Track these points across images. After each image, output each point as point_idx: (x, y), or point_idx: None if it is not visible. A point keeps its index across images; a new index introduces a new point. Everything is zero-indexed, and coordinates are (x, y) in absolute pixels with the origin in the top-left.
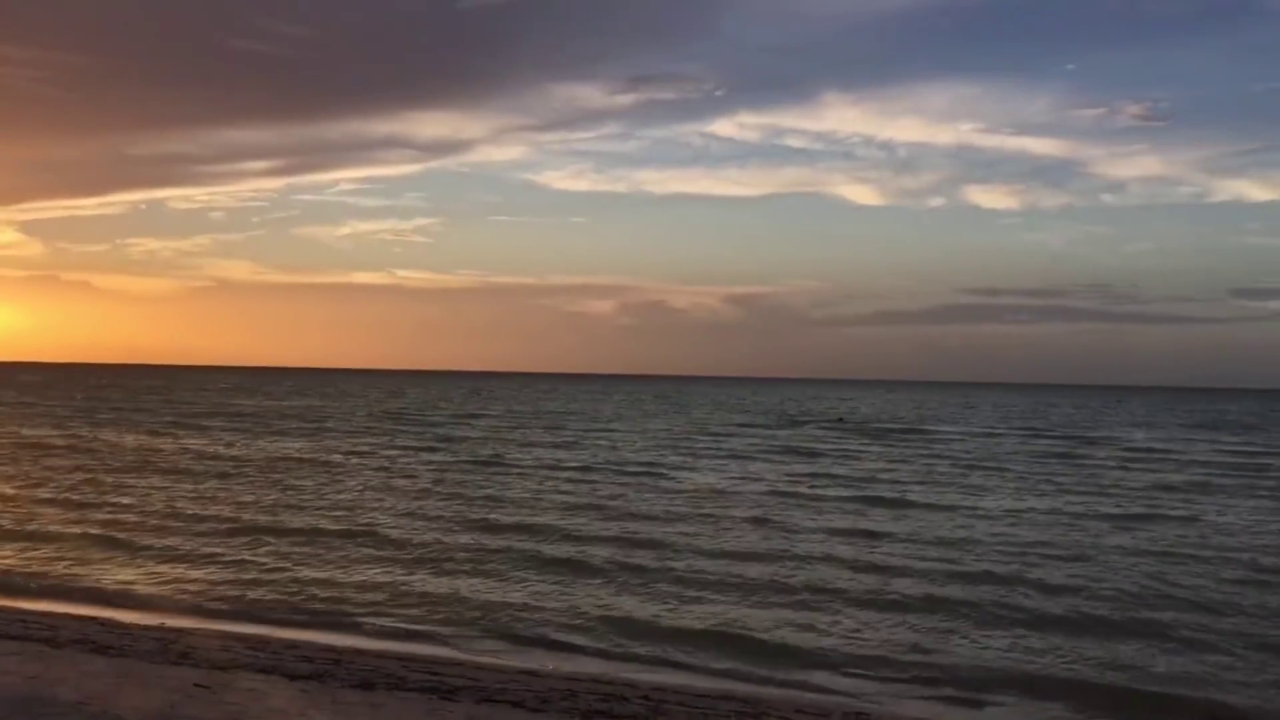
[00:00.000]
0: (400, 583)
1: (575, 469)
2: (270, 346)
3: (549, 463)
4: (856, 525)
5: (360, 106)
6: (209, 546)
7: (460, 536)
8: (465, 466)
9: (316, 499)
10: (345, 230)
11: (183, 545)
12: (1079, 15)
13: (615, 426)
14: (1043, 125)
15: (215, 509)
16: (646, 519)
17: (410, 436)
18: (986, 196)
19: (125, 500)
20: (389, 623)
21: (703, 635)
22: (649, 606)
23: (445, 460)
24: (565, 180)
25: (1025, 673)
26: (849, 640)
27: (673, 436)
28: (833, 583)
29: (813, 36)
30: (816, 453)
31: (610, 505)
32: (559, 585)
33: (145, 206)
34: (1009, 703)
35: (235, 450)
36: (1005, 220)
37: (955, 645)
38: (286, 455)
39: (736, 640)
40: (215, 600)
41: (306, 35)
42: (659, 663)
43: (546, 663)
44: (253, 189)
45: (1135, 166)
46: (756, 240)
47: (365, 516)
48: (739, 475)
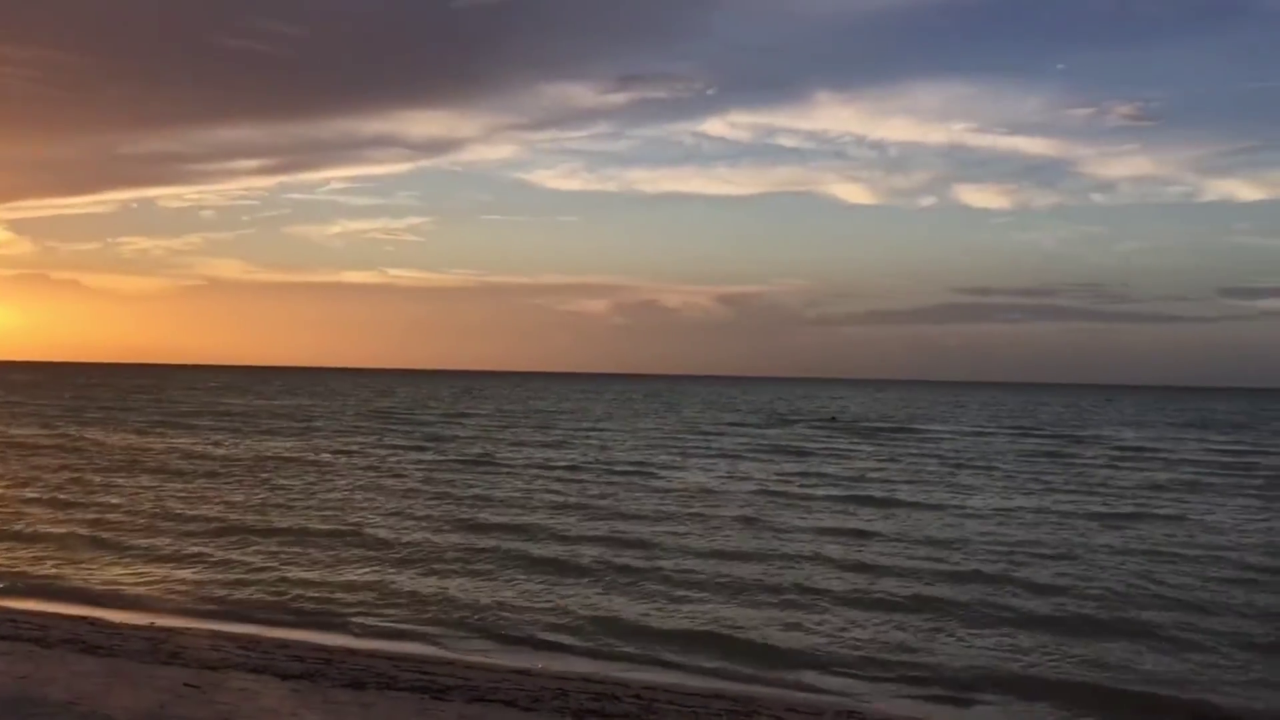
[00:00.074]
0: (390, 582)
1: (564, 468)
2: (261, 345)
3: (538, 462)
4: (846, 524)
5: (352, 105)
6: (197, 546)
7: (449, 536)
8: (454, 466)
9: (305, 499)
10: (336, 229)
11: (171, 545)
12: (1070, 15)
13: (605, 426)
14: (1034, 125)
15: (203, 509)
16: (636, 518)
17: (399, 436)
18: (978, 196)
19: (113, 500)
20: (380, 622)
21: (692, 635)
22: (638, 606)
23: (434, 459)
24: (557, 179)
25: (1013, 672)
26: (838, 640)
27: (663, 435)
28: (822, 582)
29: (804, 36)
30: (806, 452)
31: (599, 505)
32: (548, 585)
33: (136, 205)
34: (997, 702)
35: (224, 450)
36: (997, 220)
37: (944, 644)
38: (275, 454)
39: (726, 640)
40: (205, 600)
41: (298, 34)
42: (650, 662)
43: (537, 662)
44: (244, 188)
45: (1126, 166)
46: (748, 239)
47: (354, 516)
48: (729, 474)
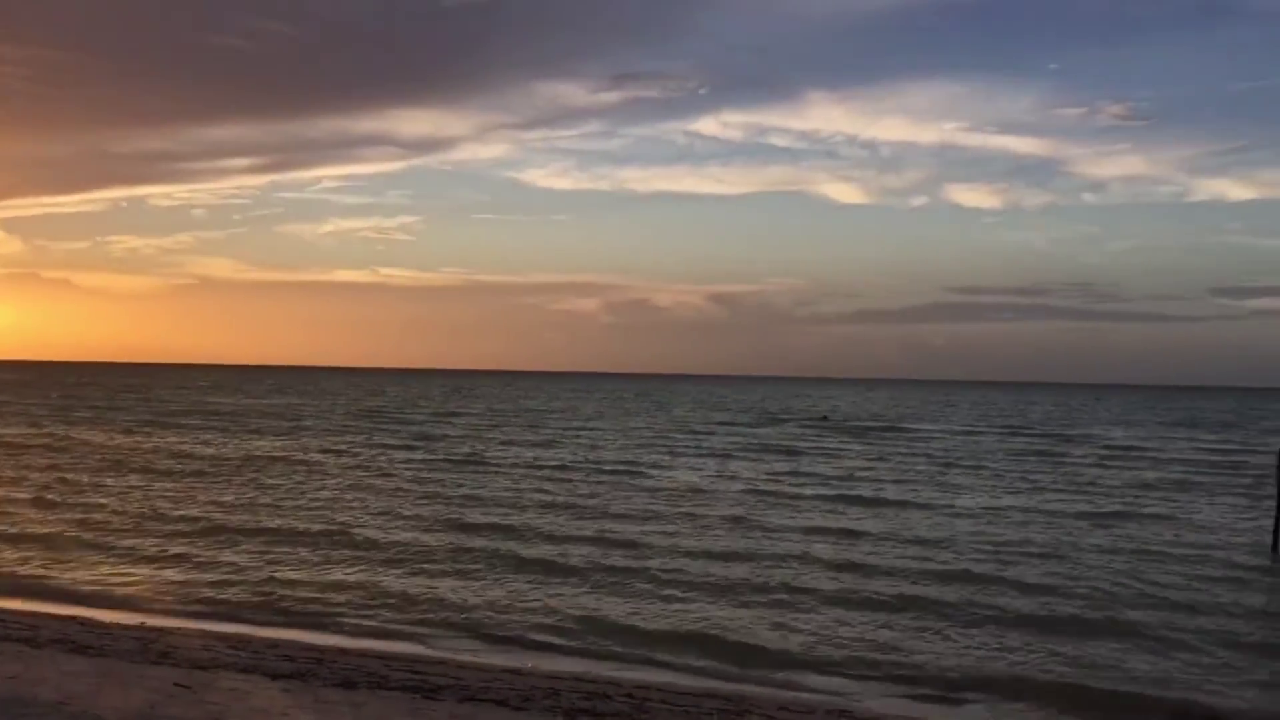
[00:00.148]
0: (379, 582)
1: (554, 467)
2: (253, 345)
3: (528, 461)
4: (835, 524)
5: (343, 104)
6: (185, 546)
7: (438, 536)
8: (443, 465)
9: (293, 498)
10: (328, 228)
11: (159, 545)
12: (1061, 15)
13: (596, 425)
14: (1025, 124)
15: (192, 508)
16: (625, 518)
17: (388, 435)
18: (969, 195)
19: (101, 500)
20: (370, 622)
21: (681, 634)
22: (628, 606)
23: (423, 459)
24: (549, 178)
25: (1002, 671)
26: (828, 639)
27: (653, 435)
28: (811, 581)
29: (796, 35)
30: (796, 451)
31: (589, 504)
32: (537, 585)
33: (126, 204)
34: (986, 701)
35: (212, 449)
36: (988, 219)
37: (933, 644)
38: (264, 454)
39: (715, 639)
40: (195, 599)
41: (289, 32)
42: (641, 661)
43: (527, 661)
44: (235, 186)
45: (1117, 166)
46: (740, 239)
47: (343, 515)
48: (719, 474)
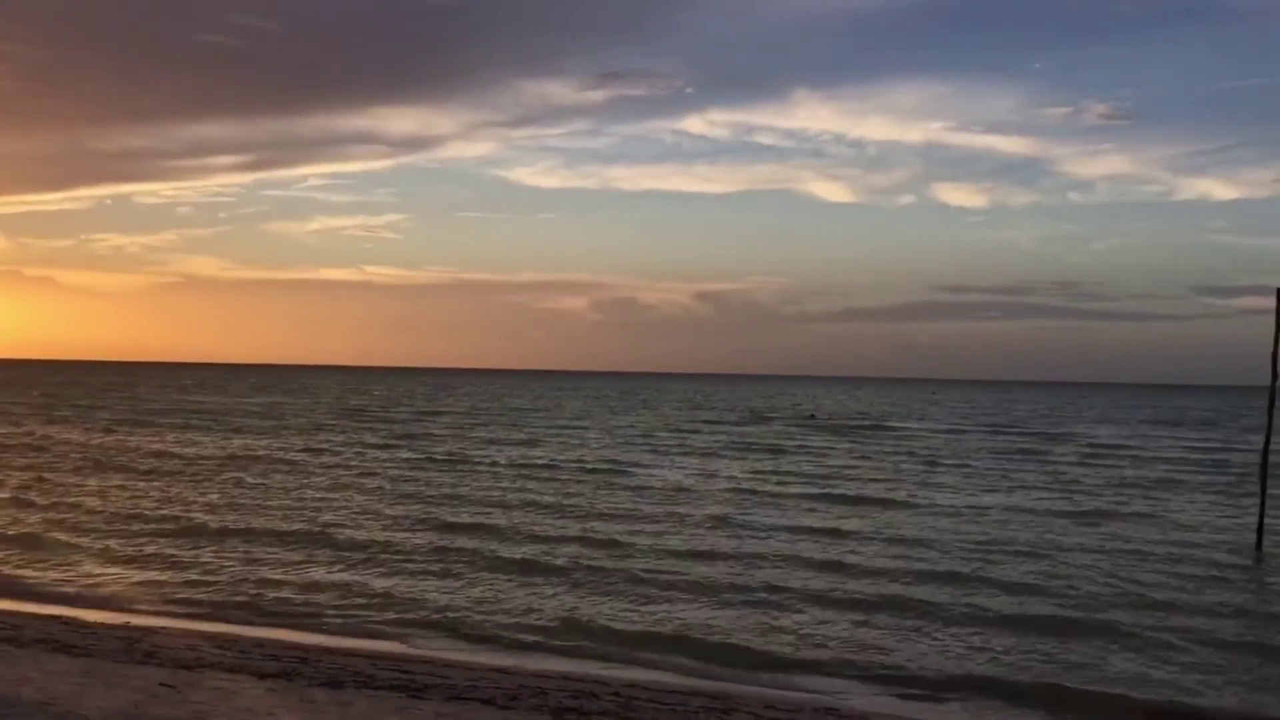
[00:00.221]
0: (363, 582)
1: (537, 467)
2: (238, 343)
3: (511, 460)
4: (820, 523)
5: (329, 101)
6: (168, 546)
7: (421, 535)
8: (425, 464)
9: (275, 497)
10: (314, 226)
11: (142, 544)
12: (1046, 14)
13: (580, 423)
14: (1011, 124)
15: (174, 508)
16: (609, 517)
17: (371, 434)
18: (955, 194)
19: (82, 499)
20: (356, 621)
21: (666, 634)
22: (611, 606)
23: (407, 458)
24: (536, 176)
25: (986, 671)
26: (812, 638)
27: (638, 433)
28: (795, 581)
29: (783, 34)
30: (781, 449)
31: (573, 503)
32: (521, 585)
33: (111, 201)
34: (970, 701)
35: (194, 448)
36: (973, 218)
37: (918, 643)
38: (246, 453)
39: (700, 639)
40: (180, 599)
41: (275, 29)
42: (626, 660)
43: (513, 661)
44: (220, 184)
45: (1102, 165)
46: (726, 237)
47: (326, 515)
48: (703, 472)
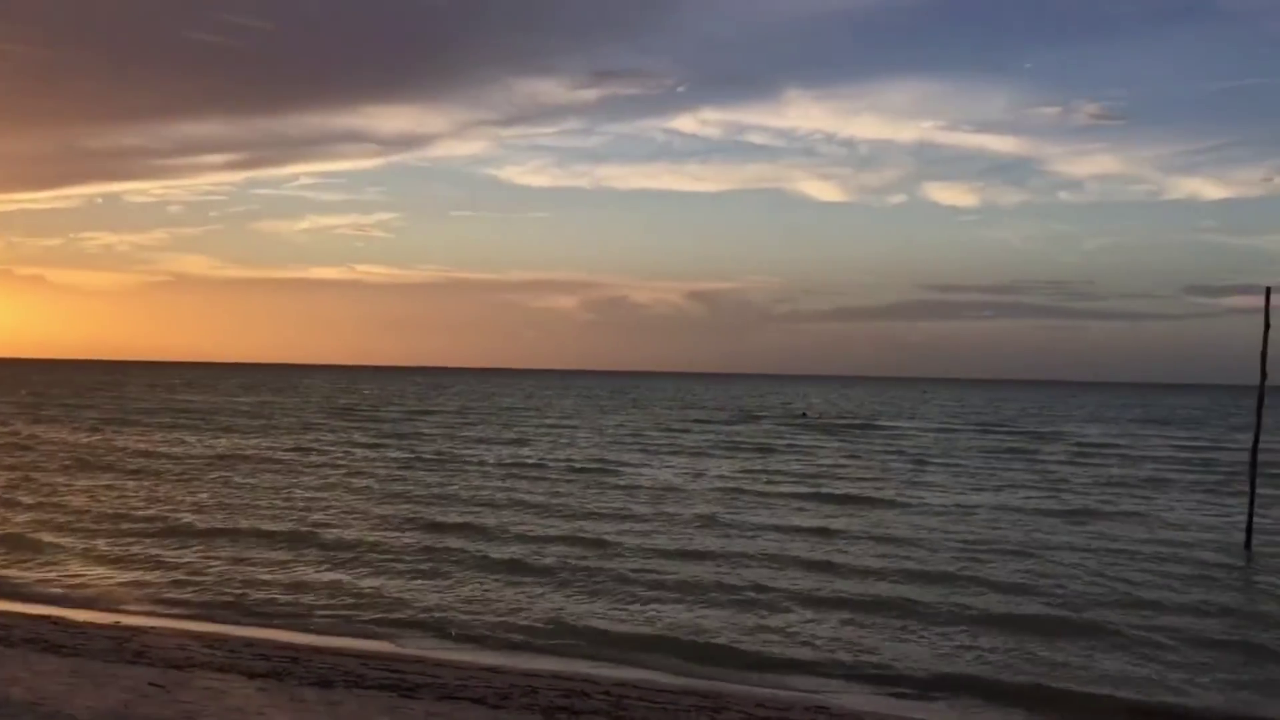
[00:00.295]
0: (352, 581)
1: (527, 466)
2: (228, 342)
3: (500, 460)
4: (809, 522)
5: (320, 100)
6: (156, 545)
7: (410, 535)
8: (415, 463)
9: (263, 497)
10: (305, 225)
11: (130, 544)
12: (1037, 14)
13: (570, 422)
14: (1002, 123)
15: (161, 507)
16: (598, 517)
17: (360, 433)
18: (946, 193)
19: (69, 499)
20: (345, 621)
21: (656, 634)
22: (601, 606)
23: (396, 457)
24: (527, 175)
25: (974, 670)
26: (801, 638)
27: (628, 432)
28: (784, 581)
29: (775, 33)
30: (771, 448)
31: (562, 503)
32: (509, 584)
33: (101, 200)
34: (958, 699)
35: (181, 447)
36: (964, 217)
37: (906, 642)
38: (234, 452)
39: (689, 638)
40: (168, 599)
41: (265, 28)
42: (616, 660)
43: (504, 660)
44: (211, 183)
45: (1092, 164)
46: (718, 236)
47: (315, 515)
48: (692, 472)
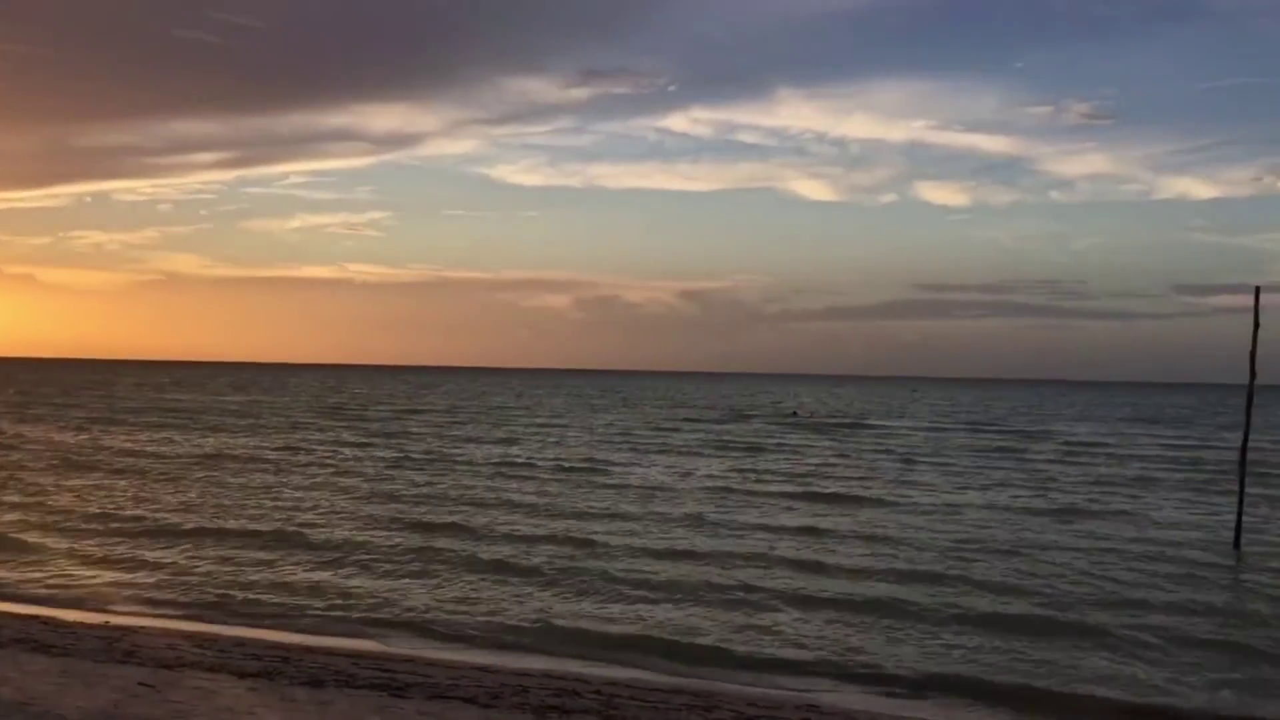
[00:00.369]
0: (342, 581)
1: (516, 465)
2: (218, 341)
3: (489, 459)
4: (798, 521)
5: (311, 98)
6: (143, 545)
7: (399, 535)
8: (403, 463)
9: (252, 496)
10: (295, 223)
11: (119, 544)
12: (1027, 14)
13: (560, 422)
14: (993, 123)
15: (148, 507)
16: (587, 516)
17: (349, 432)
18: (937, 193)
19: (56, 499)
20: (336, 621)
21: (646, 633)
22: (588, 606)
23: (384, 456)
24: (519, 174)
25: (962, 670)
26: (790, 637)
27: (617, 431)
28: (773, 580)
29: (766, 32)
30: (760, 447)
31: (551, 503)
32: (498, 584)
33: (91, 199)
34: (946, 698)
35: (169, 447)
36: (955, 216)
37: (895, 642)
38: (222, 452)
39: (679, 638)
40: (159, 598)
41: (256, 26)
42: (607, 659)
43: (495, 659)
44: (201, 181)
45: (1083, 164)
46: (710, 235)
47: (302, 515)
48: (681, 471)
